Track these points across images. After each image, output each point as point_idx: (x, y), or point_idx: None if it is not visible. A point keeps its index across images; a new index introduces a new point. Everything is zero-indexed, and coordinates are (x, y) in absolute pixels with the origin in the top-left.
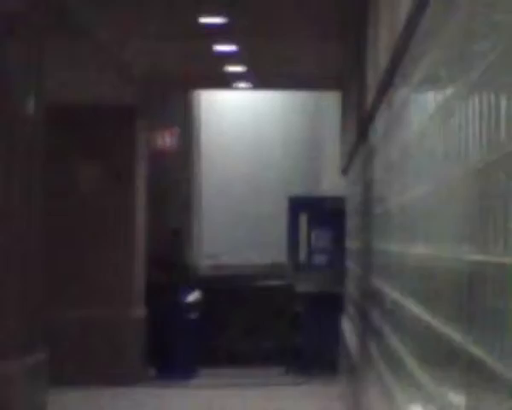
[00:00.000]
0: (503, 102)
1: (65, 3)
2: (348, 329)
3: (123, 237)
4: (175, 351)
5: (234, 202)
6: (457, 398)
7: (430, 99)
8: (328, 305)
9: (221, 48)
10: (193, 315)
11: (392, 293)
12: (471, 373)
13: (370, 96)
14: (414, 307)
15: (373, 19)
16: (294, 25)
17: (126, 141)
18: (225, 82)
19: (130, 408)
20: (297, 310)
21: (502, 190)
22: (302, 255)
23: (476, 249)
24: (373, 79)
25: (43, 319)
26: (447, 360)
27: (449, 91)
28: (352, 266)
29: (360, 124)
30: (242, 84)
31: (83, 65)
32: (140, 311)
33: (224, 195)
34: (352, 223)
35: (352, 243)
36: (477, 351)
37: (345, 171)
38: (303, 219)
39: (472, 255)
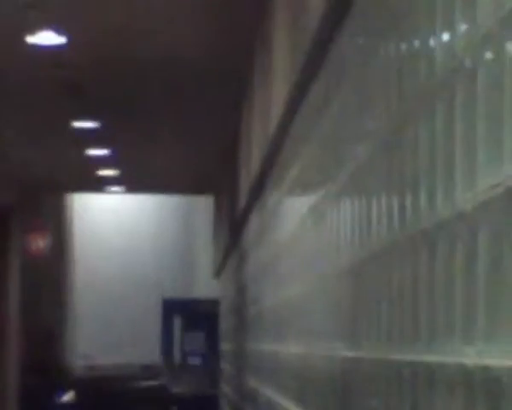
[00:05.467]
0: (373, 203)
1: None
2: None
3: None
4: None
5: (108, 303)
6: None
7: (301, 202)
8: (203, 406)
9: (93, 152)
10: None
11: (266, 391)
12: None
13: (243, 200)
14: (287, 404)
15: (246, 127)
16: (167, 131)
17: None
18: (98, 186)
19: None
20: None
21: (372, 289)
22: (176, 356)
23: (348, 346)
24: (245, 183)
25: None
26: None
27: (319, 194)
28: (226, 366)
29: (233, 227)
30: (115, 188)
31: None
32: None
33: (98, 296)
34: (226, 324)
35: (226, 345)
36: None
37: (218, 273)
38: (177, 321)
39: (343, 352)
